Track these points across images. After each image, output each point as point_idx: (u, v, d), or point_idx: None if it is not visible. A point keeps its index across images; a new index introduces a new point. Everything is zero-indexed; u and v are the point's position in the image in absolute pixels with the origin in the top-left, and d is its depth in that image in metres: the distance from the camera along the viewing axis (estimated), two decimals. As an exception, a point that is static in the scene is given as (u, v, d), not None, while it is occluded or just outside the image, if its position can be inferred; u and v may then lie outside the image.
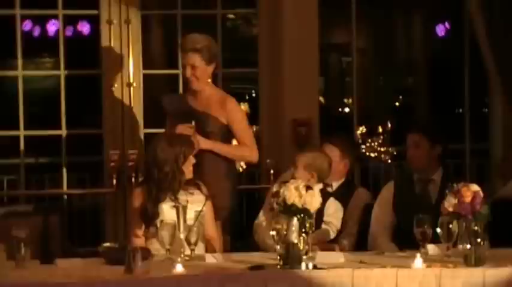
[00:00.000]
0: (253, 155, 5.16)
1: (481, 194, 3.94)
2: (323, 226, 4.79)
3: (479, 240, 3.87)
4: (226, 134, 5.12)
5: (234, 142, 5.19)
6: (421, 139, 4.94)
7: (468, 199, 3.91)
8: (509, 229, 4.66)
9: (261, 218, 4.95)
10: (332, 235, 4.84)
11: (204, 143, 4.93)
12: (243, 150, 5.13)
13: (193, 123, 4.96)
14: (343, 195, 5.03)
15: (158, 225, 4.26)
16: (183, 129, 4.92)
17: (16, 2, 6.15)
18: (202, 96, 5.12)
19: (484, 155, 6.89)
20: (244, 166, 8.11)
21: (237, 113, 5.16)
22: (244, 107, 11.10)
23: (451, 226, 4.04)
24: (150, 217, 4.47)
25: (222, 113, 5.08)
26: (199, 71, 5.04)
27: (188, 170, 4.55)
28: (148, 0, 6.53)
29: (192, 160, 4.57)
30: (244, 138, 5.11)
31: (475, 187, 3.96)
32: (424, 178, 4.91)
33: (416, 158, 4.95)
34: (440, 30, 10.94)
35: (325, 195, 4.80)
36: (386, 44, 12.95)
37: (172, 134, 4.83)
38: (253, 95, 6.69)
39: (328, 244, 4.75)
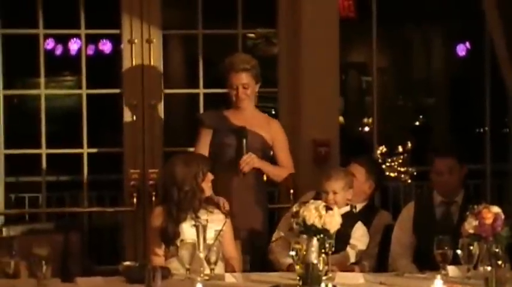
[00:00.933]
0: (290, 179, 5.38)
1: (502, 216, 3.92)
2: (348, 248, 4.78)
3: (500, 262, 3.84)
4: (268, 154, 5.26)
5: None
6: (455, 164, 4.90)
7: (489, 221, 3.89)
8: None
9: (276, 238, 4.98)
10: (353, 259, 4.83)
11: (257, 162, 5.08)
12: (284, 172, 5.30)
13: (244, 141, 5.08)
14: (366, 217, 5.03)
15: (178, 244, 4.26)
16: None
17: (39, 22, 6.21)
18: (247, 114, 5.24)
19: (504, 176, 6.86)
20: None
21: (281, 134, 5.35)
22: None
23: (471, 247, 4.03)
24: (171, 237, 4.47)
25: (267, 132, 5.24)
26: (249, 90, 5.19)
27: (207, 187, 4.58)
28: (170, 19, 6.57)
29: (210, 176, 4.59)
30: (285, 160, 5.31)
31: (495, 209, 3.94)
32: (448, 201, 4.89)
33: (450, 184, 4.90)
34: (461, 49, 10.93)
35: (352, 217, 4.82)
36: (406, 63, 12.95)
37: (189, 153, 4.88)
38: (274, 113, 6.69)
39: (348, 265, 4.74)
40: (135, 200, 5.98)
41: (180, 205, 4.52)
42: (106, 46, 8.55)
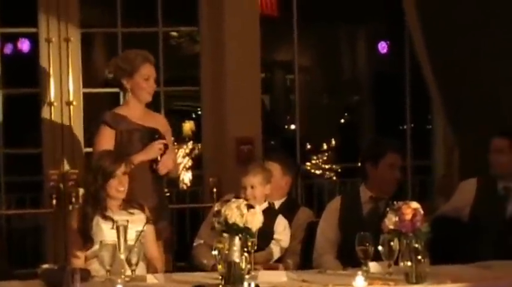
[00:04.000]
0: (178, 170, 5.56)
1: (421, 211, 3.95)
2: (273, 243, 4.82)
3: (420, 257, 3.88)
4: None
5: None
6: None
7: (408, 217, 3.91)
8: (450, 246, 4.70)
9: (197, 240, 4.96)
10: (277, 255, 4.85)
11: (171, 161, 5.09)
12: (177, 165, 5.48)
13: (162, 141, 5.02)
14: (286, 213, 5.03)
15: (98, 245, 4.19)
16: (160, 146, 5.00)
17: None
18: (141, 111, 5.18)
19: (426, 172, 6.94)
20: (189, 184, 8.07)
21: (169, 129, 5.34)
22: (189, 124, 11.09)
23: (392, 243, 4.05)
24: (84, 235, 4.43)
25: (162, 128, 5.18)
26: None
27: (115, 189, 4.51)
28: (88, 18, 6.47)
29: (121, 178, 4.52)
30: (174, 153, 5.48)
31: (415, 205, 3.97)
32: (376, 197, 4.90)
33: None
34: (383, 47, 11.05)
35: (273, 213, 4.82)
36: (330, 61, 13.06)
37: (98, 153, 4.81)
38: (199, 112, 6.68)
39: (272, 263, 4.74)
40: (54, 201, 5.89)
41: (90, 205, 4.48)
42: (24, 45, 8.39)
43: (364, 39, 12.66)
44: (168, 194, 6.11)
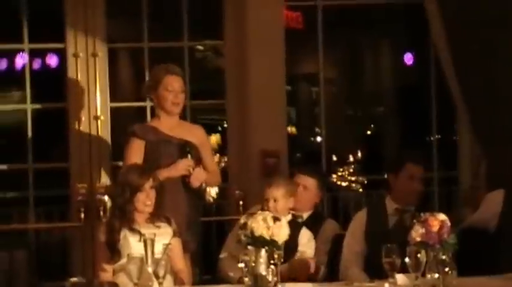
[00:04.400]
0: (220, 180, 5.48)
1: (448, 223, 3.94)
2: (297, 256, 4.80)
3: (447, 269, 3.87)
4: (199, 162, 5.20)
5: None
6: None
7: (435, 228, 3.91)
8: (477, 258, 4.68)
9: (223, 253, 4.97)
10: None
11: (204, 174, 5.09)
12: (217, 176, 5.37)
13: (189, 156, 5.03)
14: (313, 226, 5.03)
15: (125, 259, 4.21)
16: (185, 164, 5.02)
17: (-19, 36, 6.15)
18: (174, 123, 5.22)
19: (453, 183, 6.91)
20: (215, 197, 8.08)
21: (207, 140, 5.41)
22: (215, 138, 11.11)
23: (419, 255, 4.03)
24: (111, 248, 4.45)
25: (197, 140, 5.21)
26: (183, 96, 5.21)
27: (142, 203, 4.53)
28: (115, 33, 6.52)
29: (148, 192, 4.54)
30: (214, 165, 5.38)
31: (442, 216, 3.95)
32: (402, 209, 4.89)
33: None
34: (408, 58, 11.01)
35: (296, 225, 4.83)
36: (355, 73, 13.04)
37: (126, 167, 4.83)
38: (225, 126, 6.70)
39: (304, 258, 4.74)
40: (82, 215, 5.93)
41: (117, 218, 4.50)
42: (52, 60, 8.45)
43: (389, 50, 12.64)
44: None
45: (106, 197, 5.89)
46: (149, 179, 4.55)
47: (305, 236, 4.91)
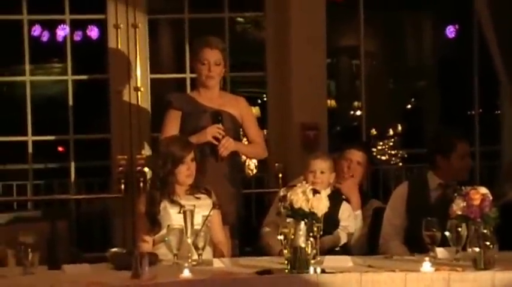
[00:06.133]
0: (265, 153, 5.36)
1: (490, 197, 3.90)
2: (340, 229, 4.85)
3: (488, 243, 3.84)
4: (238, 132, 5.21)
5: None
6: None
7: (477, 202, 3.88)
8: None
9: (267, 223, 4.97)
10: (344, 240, 4.87)
11: (234, 145, 5.04)
12: (258, 148, 5.27)
13: (220, 125, 5.01)
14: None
15: (166, 230, 4.24)
16: (213, 130, 4.97)
17: (23, 7, 6.16)
18: (214, 95, 5.18)
19: (495, 158, 6.85)
20: (255, 171, 8.09)
21: (249, 110, 5.33)
22: (255, 110, 11.10)
23: (459, 229, 4.02)
24: (152, 219, 4.47)
25: (236, 110, 5.17)
26: (219, 69, 5.13)
27: (184, 175, 4.54)
28: (156, 4, 6.53)
29: (190, 164, 4.55)
30: (257, 137, 5.27)
31: (483, 190, 3.92)
32: (446, 184, 4.86)
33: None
34: (450, 31, 10.88)
35: (337, 199, 4.83)
36: (397, 46, 12.93)
37: (168, 138, 4.84)
38: (265, 99, 6.69)
39: None
40: (122, 186, 5.97)
41: (158, 190, 4.52)
42: (93, 32, 8.49)
43: (431, 23, 12.50)
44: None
45: (146, 169, 5.92)
46: (191, 151, 4.56)
47: (346, 211, 4.92)
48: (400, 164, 10.06)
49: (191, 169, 4.55)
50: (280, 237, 3.93)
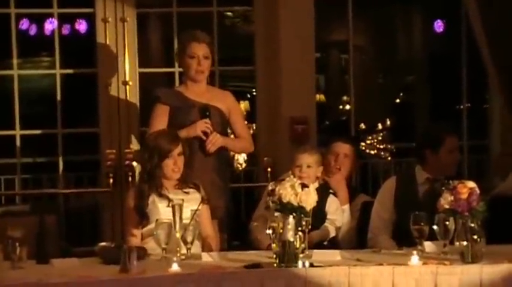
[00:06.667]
0: (252, 147, 5.37)
1: (477, 190, 3.91)
2: (327, 223, 4.84)
3: (475, 237, 3.85)
4: (226, 126, 5.20)
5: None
6: None
7: (464, 196, 3.88)
8: (506, 226, 4.64)
9: (256, 217, 4.97)
10: (333, 233, 4.87)
11: (222, 140, 5.03)
12: (245, 142, 5.27)
13: (208, 119, 5.00)
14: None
15: (154, 224, 4.24)
16: (202, 125, 4.98)
17: (11, 1, 6.14)
18: (202, 89, 5.18)
19: (483, 151, 6.87)
20: (244, 165, 8.09)
21: (237, 105, 5.34)
22: (244, 104, 11.11)
23: (447, 223, 4.02)
24: (140, 212, 4.47)
25: (223, 105, 5.17)
26: (208, 62, 5.14)
27: (170, 168, 4.53)
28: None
29: (177, 158, 4.54)
30: (243, 131, 5.27)
31: (471, 184, 3.93)
32: (433, 178, 4.87)
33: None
34: (439, 26, 10.89)
35: (324, 192, 4.83)
36: (386, 41, 12.94)
37: (155, 132, 4.83)
38: (254, 93, 6.69)
39: None
40: (111, 180, 5.96)
41: (146, 182, 4.52)
42: (82, 26, 8.46)
43: (419, 18, 12.51)
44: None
45: (135, 163, 5.92)
46: (178, 145, 4.56)
47: (333, 204, 4.93)
48: (389, 158, 10.09)
49: (178, 163, 4.54)
50: (269, 231, 3.93)
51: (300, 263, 3.83)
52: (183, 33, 5.26)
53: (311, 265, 3.85)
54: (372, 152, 10.37)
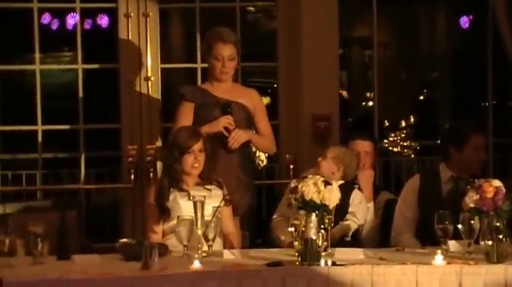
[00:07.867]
0: (274, 148, 5.33)
1: (503, 189, 3.87)
2: (348, 216, 4.78)
3: (501, 236, 3.81)
4: (251, 123, 5.18)
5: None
6: None
7: (490, 195, 3.84)
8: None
9: (277, 215, 4.94)
10: (354, 227, 4.82)
11: (245, 137, 5.00)
12: (268, 141, 5.25)
13: (230, 116, 4.98)
14: None
15: (175, 221, 4.21)
16: (224, 121, 4.95)
17: (33, -4, 6.15)
18: (227, 86, 5.16)
19: (508, 150, 6.80)
20: (265, 162, 8.05)
21: (261, 103, 5.29)
22: (265, 100, 11.07)
23: (472, 222, 3.98)
24: (161, 207, 4.46)
25: (248, 101, 5.15)
26: (233, 63, 5.11)
27: (190, 164, 4.51)
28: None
29: (197, 154, 4.52)
30: (267, 130, 5.24)
31: (496, 183, 3.89)
32: (458, 177, 4.81)
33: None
34: (464, 22, 10.79)
35: (348, 187, 4.78)
36: (410, 37, 12.85)
37: (178, 128, 4.81)
38: (275, 88, 6.67)
39: None
40: (132, 176, 5.95)
41: (167, 178, 4.51)
42: (103, 20, 8.46)
43: (445, 14, 12.42)
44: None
45: (157, 160, 5.90)
46: (198, 141, 4.53)
47: (357, 197, 4.86)
48: (412, 156, 10.01)
49: (199, 159, 4.52)
50: (291, 229, 3.90)
51: (322, 261, 3.80)
52: (209, 32, 5.21)
53: (333, 264, 3.81)
54: (395, 149, 10.29)
